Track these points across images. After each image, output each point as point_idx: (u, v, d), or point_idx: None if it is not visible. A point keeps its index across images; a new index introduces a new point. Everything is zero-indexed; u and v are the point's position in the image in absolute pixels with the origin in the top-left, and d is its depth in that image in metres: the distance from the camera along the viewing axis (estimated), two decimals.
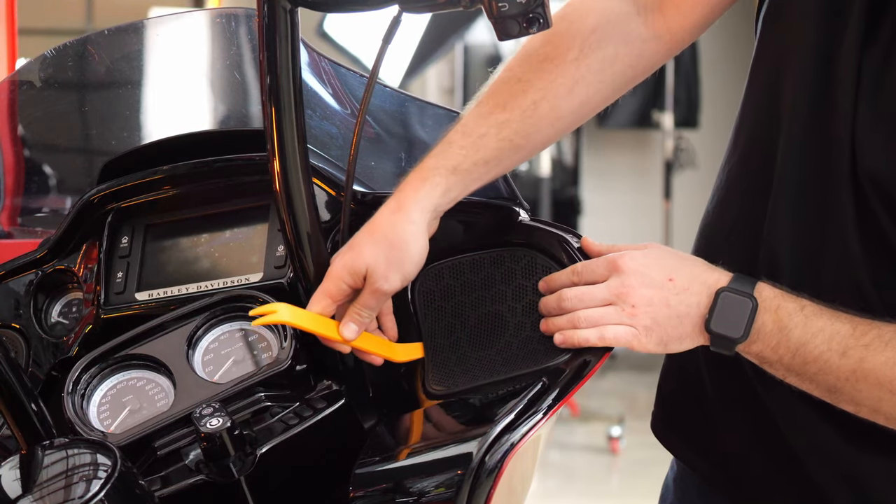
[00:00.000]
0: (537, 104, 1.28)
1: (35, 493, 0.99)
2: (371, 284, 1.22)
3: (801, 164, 1.20)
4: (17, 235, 1.71)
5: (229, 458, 1.14)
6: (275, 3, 1.11)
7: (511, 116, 1.28)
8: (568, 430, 5.57)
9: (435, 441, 1.17)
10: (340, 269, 1.22)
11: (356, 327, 1.23)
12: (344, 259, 1.23)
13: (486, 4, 1.06)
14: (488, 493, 1.08)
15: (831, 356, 1.15)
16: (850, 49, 1.15)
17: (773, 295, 1.18)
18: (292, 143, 1.17)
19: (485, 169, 1.27)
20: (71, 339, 1.38)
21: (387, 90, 1.55)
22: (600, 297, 1.20)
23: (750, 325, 1.16)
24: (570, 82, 1.30)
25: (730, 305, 1.17)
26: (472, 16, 5.14)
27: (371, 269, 1.21)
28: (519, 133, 1.28)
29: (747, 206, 1.26)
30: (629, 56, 1.32)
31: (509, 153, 1.29)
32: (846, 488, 1.21)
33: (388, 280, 1.22)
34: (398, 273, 1.23)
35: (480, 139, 1.27)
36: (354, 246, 1.23)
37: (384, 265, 1.22)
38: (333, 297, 1.22)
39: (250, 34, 1.59)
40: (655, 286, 1.19)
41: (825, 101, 1.17)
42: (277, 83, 1.14)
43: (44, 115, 1.72)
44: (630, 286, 1.19)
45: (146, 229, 1.41)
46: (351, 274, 1.22)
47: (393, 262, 1.22)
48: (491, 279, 1.33)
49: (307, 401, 1.22)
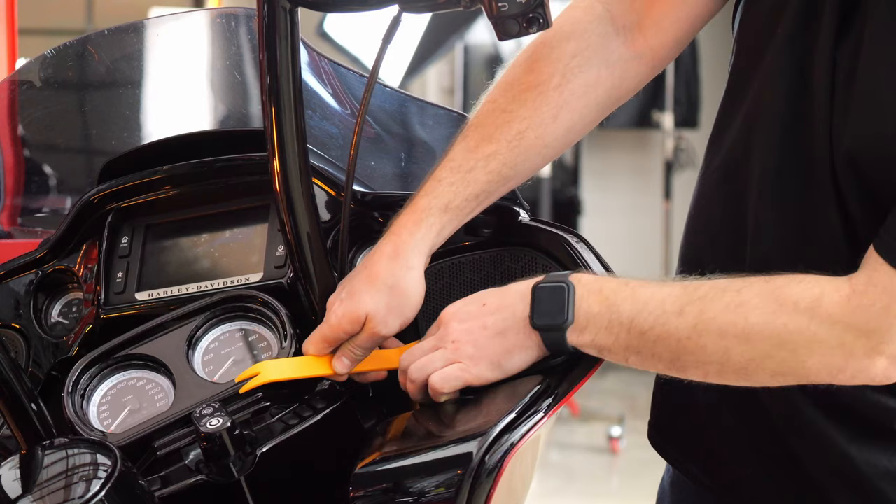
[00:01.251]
0: (523, 134, 1.29)
1: (35, 493, 0.99)
2: (370, 329, 1.23)
3: (779, 166, 1.20)
4: (17, 235, 1.71)
5: (229, 458, 1.14)
6: (275, 3, 1.11)
7: (498, 148, 1.28)
8: (568, 430, 5.56)
9: (435, 441, 1.17)
10: (341, 318, 1.23)
11: (349, 363, 1.24)
12: (345, 307, 1.23)
13: (486, 4, 1.06)
14: (488, 493, 1.08)
15: (668, 318, 1.13)
16: (824, 44, 1.15)
17: (592, 279, 1.18)
18: (292, 143, 1.17)
19: (475, 203, 1.28)
20: (71, 339, 1.38)
21: (387, 90, 1.56)
22: (427, 348, 1.22)
23: (571, 307, 1.16)
24: (554, 109, 1.30)
25: (546, 295, 1.17)
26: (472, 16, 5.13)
27: (371, 315, 1.22)
28: (507, 164, 1.28)
29: (730, 208, 1.26)
30: (611, 77, 1.33)
31: (498, 185, 1.29)
32: (846, 487, 1.21)
33: (388, 325, 1.23)
34: (398, 319, 1.24)
35: (469, 174, 1.27)
36: (354, 293, 1.24)
37: (384, 312, 1.23)
38: (330, 343, 1.24)
39: (250, 34, 1.59)
40: (471, 317, 1.20)
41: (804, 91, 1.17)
42: (277, 83, 1.14)
43: (44, 115, 1.72)
44: (447, 326, 1.21)
45: (146, 229, 1.41)
46: (351, 322, 1.23)
47: (393, 308, 1.23)
48: (491, 278, 1.33)
49: (307, 401, 1.22)
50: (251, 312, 1.28)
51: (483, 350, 1.19)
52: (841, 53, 1.14)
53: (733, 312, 1.11)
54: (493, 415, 1.14)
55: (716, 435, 1.31)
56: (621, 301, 1.15)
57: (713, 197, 1.30)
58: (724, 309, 1.11)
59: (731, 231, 1.25)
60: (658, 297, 1.14)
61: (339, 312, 1.23)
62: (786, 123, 1.19)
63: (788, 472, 1.25)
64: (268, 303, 1.27)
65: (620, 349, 1.16)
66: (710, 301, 1.12)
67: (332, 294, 1.26)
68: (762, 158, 1.21)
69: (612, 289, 1.16)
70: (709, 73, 6.65)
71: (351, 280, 1.26)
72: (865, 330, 1.08)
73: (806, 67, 1.16)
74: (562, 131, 1.31)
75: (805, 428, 1.22)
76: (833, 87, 1.14)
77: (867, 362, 1.09)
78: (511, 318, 1.18)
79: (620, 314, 1.15)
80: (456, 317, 1.21)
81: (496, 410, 1.16)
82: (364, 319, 1.22)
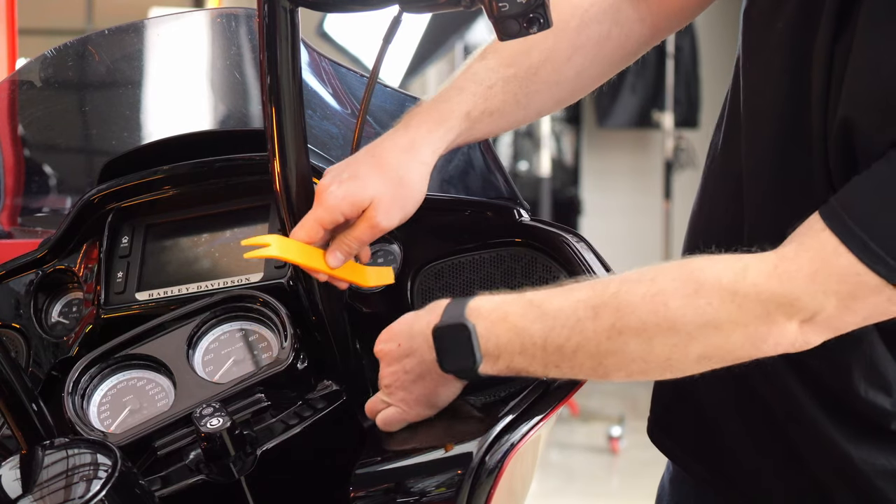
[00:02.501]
0: (541, 64, 1.30)
1: (35, 493, 0.99)
2: (370, 218, 1.18)
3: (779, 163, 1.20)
4: (18, 235, 1.71)
5: (229, 458, 1.14)
6: (275, 3, 1.11)
7: (517, 72, 1.29)
8: (568, 430, 5.56)
9: (435, 441, 1.17)
10: (340, 199, 1.17)
11: (342, 257, 1.20)
12: (346, 188, 1.18)
13: (487, 4, 1.06)
14: (489, 493, 1.08)
15: (583, 325, 1.09)
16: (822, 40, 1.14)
17: (493, 307, 1.14)
18: (293, 142, 1.17)
19: (489, 120, 1.27)
20: (71, 338, 1.38)
21: (387, 90, 1.55)
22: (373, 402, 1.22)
23: (477, 346, 1.12)
24: (569, 50, 1.32)
25: (448, 340, 1.13)
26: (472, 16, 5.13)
27: (376, 203, 1.18)
28: (522, 90, 1.29)
29: (732, 206, 1.26)
30: (620, 36, 1.35)
31: (513, 109, 1.29)
32: (846, 484, 1.21)
33: (390, 216, 1.19)
34: (401, 211, 1.20)
35: (489, 89, 1.27)
36: (359, 176, 1.19)
37: (389, 201, 1.19)
38: (325, 226, 1.18)
39: (250, 34, 1.59)
40: (393, 359, 1.19)
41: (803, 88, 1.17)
42: (278, 83, 1.14)
43: (44, 115, 1.72)
44: (381, 368, 1.20)
45: (146, 229, 1.41)
46: (351, 204, 1.17)
47: (398, 199, 1.19)
48: (491, 278, 1.33)
49: (307, 401, 1.22)
50: (251, 312, 1.28)
51: (412, 393, 1.19)
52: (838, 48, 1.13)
53: (651, 302, 1.08)
54: (494, 415, 1.14)
55: (716, 430, 1.31)
56: (530, 323, 1.11)
57: (715, 195, 1.31)
58: (640, 301, 1.08)
59: (732, 229, 1.25)
60: (568, 306, 1.11)
61: (339, 194, 1.17)
62: (784, 121, 1.19)
63: (789, 468, 1.25)
64: (268, 303, 1.27)
65: (539, 367, 1.13)
66: (624, 296, 1.09)
67: (326, 176, 1.20)
68: (762, 156, 1.21)
69: (518, 314, 1.12)
70: (709, 73, 6.65)
71: (354, 163, 1.21)
72: (790, 298, 1.06)
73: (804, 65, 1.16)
74: (573, 73, 1.32)
75: (806, 425, 1.22)
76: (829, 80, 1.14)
77: (787, 327, 1.07)
78: (423, 363, 1.17)
79: (532, 336, 1.11)
80: (384, 359, 1.20)
81: (496, 411, 1.16)
82: (366, 205, 1.18)
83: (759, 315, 1.07)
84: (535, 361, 1.12)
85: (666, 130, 6.46)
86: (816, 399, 1.20)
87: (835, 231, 1.05)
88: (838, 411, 1.19)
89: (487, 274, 1.34)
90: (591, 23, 1.33)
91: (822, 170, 1.14)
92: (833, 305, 1.06)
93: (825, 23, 1.14)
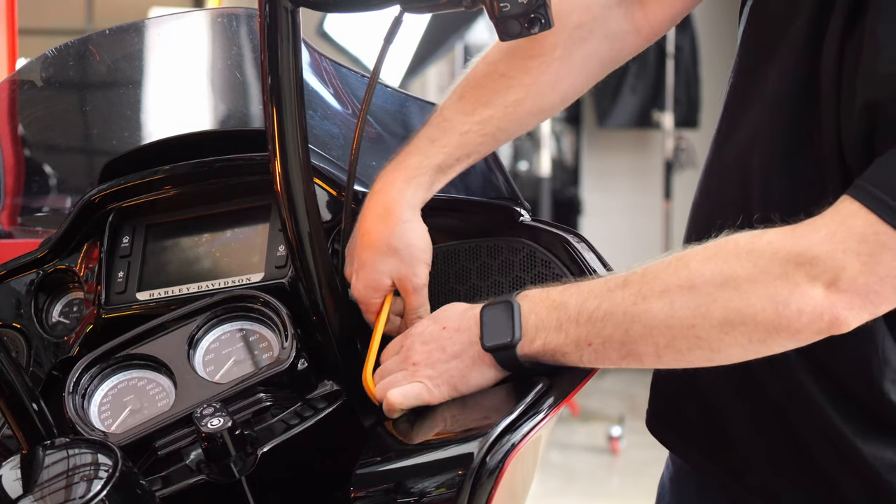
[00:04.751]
0: (521, 101, 1.31)
1: (36, 493, 0.99)
2: (406, 288, 1.28)
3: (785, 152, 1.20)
4: (18, 235, 1.71)
5: (230, 458, 1.14)
6: (276, 3, 1.11)
7: (494, 113, 1.30)
8: (568, 430, 5.56)
9: (436, 441, 1.17)
10: (366, 292, 1.28)
11: None
12: (363, 279, 1.28)
13: (488, 5, 1.05)
14: (489, 494, 1.08)
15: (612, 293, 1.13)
16: (832, 40, 1.15)
17: (539, 291, 1.19)
18: (294, 142, 1.17)
19: (466, 162, 1.31)
20: (72, 338, 1.38)
21: (387, 90, 1.55)
22: (392, 368, 1.23)
23: (518, 324, 1.17)
24: (553, 79, 1.32)
25: (493, 317, 1.19)
26: (472, 16, 5.13)
27: (395, 277, 1.27)
28: (501, 129, 1.31)
29: (732, 199, 1.26)
30: (610, 50, 1.35)
31: (489, 147, 1.33)
32: (854, 476, 1.21)
33: (418, 275, 1.28)
34: (421, 265, 1.28)
35: (464, 136, 1.30)
36: (365, 264, 1.27)
37: (405, 268, 1.27)
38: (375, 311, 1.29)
39: (251, 34, 1.59)
40: (432, 339, 1.22)
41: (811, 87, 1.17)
42: (279, 83, 1.14)
43: (44, 114, 1.72)
44: (411, 348, 1.22)
45: (147, 229, 1.41)
46: (376, 290, 1.28)
47: (407, 261, 1.27)
48: (487, 269, 1.33)
49: (308, 401, 1.22)
50: (252, 312, 1.28)
51: (441, 373, 1.20)
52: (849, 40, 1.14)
53: (674, 267, 1.12)
54: (495, 415, 1.14)
55: (719, 419, 1.30)
56: (567, 298, 1.16)
57: (719, 189, 1.30)
58: (665, 268, 1.13)
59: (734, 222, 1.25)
60: (602, 282, 1.16)
61: (360, 286, 1.28)
62: (794, 120, 1.19)
63: (796, 459, 1.24)
64: (269, 303, 1.27)
65: (572, 345, 1.15)
66: (650, 267, 1.14)
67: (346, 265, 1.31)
68: (770, 153, 1.21)
69: (558, 290, 1.18)
70: (709, 73, 6.65)
71: (354, 250, 1.29)
72: (808, 256, 1.06)
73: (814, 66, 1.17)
74: (558, 100, 1.35)
75: (813, 417, 1.21)
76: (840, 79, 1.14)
77: (810, 291, 1.06)
78: (467, 342, 1.20)
79: (568, 309, 1.15)
80: (420, 338, 1.23)
81: (497, 411, 1.16)
82: (390, 284, 1.27)
83: (777, 274, 1.07)
84: (567, 338, 1.15)
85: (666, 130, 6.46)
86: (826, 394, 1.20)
87: (856, 197, 1.06)
88: (849, 406, 1.19)
89: (483, 263, 1.34)
90: (577, 46, 1.32)
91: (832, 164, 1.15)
92: (856, 268, 1.05)
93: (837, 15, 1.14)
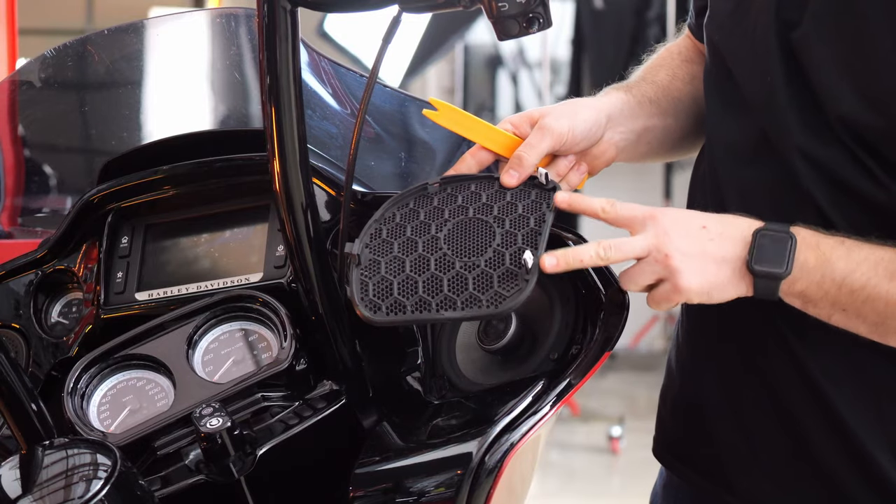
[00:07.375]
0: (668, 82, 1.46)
1: (35, 493, 0.99)
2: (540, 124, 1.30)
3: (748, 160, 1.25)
4: (17, 235, 1.71)
5: (229, 458, 1.14)
6: (275, 3, 1.11)
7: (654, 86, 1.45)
8: (568, 430, 5.56)
9: (435, 441, 1.17)
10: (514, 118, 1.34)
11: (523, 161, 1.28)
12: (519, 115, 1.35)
13: (486, 4, 1.06)
14: (488, 493, 1.08)
15: (879, 281, 1.15)
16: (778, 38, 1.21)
17: (811, 233, 1.18)
18: (292, 143, 1.16)
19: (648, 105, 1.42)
20: (71, 339, 1.38)
21: (387, 90, 1.55)
22: (638, 248, 1.19)
23: (791, 259, 1.16)
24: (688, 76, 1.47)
25: (769, 243, 1.17)
26: (472, 16, 5.14)
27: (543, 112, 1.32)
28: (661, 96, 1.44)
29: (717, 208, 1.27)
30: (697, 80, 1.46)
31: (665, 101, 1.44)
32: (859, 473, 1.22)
33: (557, 119, 1.30)
34: (569, 120, 1.31)
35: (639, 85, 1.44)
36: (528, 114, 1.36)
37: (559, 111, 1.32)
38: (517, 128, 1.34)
39: (250, 34, 1.59)
40: (690, 235, 1.18)
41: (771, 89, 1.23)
42: (277, 83, 1.13)
43: (44, 115, 1.72)
44: (666, 235, 1.18)
45: (146, 229, 1.41)
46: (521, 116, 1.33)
47: (566, 109, 1.33)
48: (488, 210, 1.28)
49: (307, 401, 1.22)
50: (251, 312, 1.28)
51: (700, 276, 1.17)
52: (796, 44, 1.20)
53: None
54: (493, 414, 1.14)
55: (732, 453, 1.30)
56: (836, 259, 1.16)
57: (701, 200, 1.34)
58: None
59: None
60: (872, 259, 1.16)
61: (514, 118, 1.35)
62: None
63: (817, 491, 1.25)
64: (268, 303, 1.27)
65: (827, 305, 1.17)
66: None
67: None
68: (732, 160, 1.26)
69: (829, 245, 1.17)
70: None
71: None
72: None
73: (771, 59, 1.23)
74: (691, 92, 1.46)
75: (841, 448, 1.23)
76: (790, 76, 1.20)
77: None
78: (731, 252, 1.18)
79: (834, 272, 1.16)
80: (674, 228, 1.19)
81: (496, 410, 1.16)
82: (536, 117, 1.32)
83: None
84: (826, 297, 1.17)
85: None
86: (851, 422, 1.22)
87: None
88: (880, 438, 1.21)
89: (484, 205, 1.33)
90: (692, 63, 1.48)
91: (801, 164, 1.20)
92: None
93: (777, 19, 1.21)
